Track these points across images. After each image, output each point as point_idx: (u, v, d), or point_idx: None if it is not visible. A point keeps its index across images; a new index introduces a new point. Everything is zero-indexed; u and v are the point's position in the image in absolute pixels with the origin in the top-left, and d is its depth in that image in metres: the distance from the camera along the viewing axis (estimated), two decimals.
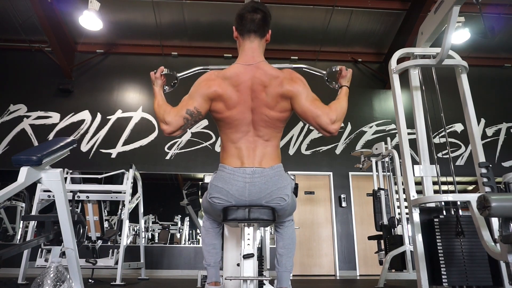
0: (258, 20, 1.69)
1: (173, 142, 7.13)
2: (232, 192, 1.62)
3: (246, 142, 1.66)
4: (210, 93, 1.62)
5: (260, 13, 1.69)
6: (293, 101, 1.62)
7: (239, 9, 1.73)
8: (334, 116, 1.61)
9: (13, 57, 7.52)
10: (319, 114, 1.60)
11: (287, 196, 1.66)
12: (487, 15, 6.71)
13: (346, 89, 1.78)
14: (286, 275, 1.76)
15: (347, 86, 1.80)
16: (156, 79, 1.81)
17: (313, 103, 1.61)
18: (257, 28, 1.70)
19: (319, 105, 1.62)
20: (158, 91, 1.78)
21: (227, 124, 1.66)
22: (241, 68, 1.66)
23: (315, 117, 1.60)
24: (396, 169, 4.47)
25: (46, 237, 2.23)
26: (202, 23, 7.19)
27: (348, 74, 1.81)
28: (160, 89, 1.80)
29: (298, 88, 1.61)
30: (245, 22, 1.69)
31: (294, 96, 1.61)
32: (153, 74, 1.82)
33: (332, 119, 1.60)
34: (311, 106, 1.61)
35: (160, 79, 1.82)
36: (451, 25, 2.25)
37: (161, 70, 1.82)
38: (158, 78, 1.81)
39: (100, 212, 4.50)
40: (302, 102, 1.61)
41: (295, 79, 1.64)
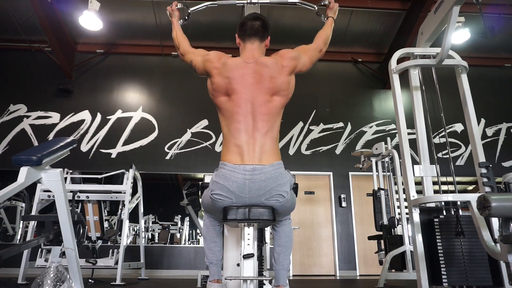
0: (258, 26, 1.87)
1: (173, 142, 7.13)
2: (233, 189, 1.65)
3: (245, 136, 1.70)
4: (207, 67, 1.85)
5: (259, 20, 1.89)
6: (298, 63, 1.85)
7: (242, 19, 1.95)
8: (322, 45, 1.98)
9: (13, 57, 7.52)
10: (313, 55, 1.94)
11: (286, 193, 1.68)
12: (487, 15, 6.71)
13: (331, 20, 2.10)
14: (283, 273, 1.78)
15: (333, 17, 2.11)
16: (173, 11, 2.16)
17: (307, 54, 1.91)
18: (257, 32, 1.87)
19: (309, 47, 1.95)
20: (176, 22, 2.16)
21: (226, 111, 1.75)
22: (242, 62, 1.82)
23: (312, 56, 1.93)
24: (396, 169, 4.47)
25: (46, 237, 2.23)
26: (202, 23, 7.19)
27: (335, 6, 2.13)
28: (177, 21, 2.16)
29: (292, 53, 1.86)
30: (246, 28, 1.88)
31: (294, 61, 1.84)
32: (169, 8, 2.17)
33: (321, 49, 1.98)
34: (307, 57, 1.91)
35: (177, 11, 2.16)
36: (451, 25, 2.25)
37: (175, 4, 2.16)
38: (174, 10, 2.16)
39: (100, 212, 4.49)
40: (302, 61, 1.88)
41: (284, 53, 1.86)
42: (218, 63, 1.81)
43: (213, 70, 1.80)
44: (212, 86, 1.81)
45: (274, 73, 1.76)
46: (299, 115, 7.43)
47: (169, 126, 7.24)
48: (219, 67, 1.79)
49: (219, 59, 1.82)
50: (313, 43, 1.98)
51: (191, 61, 1.93)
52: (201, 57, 1.89)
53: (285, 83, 1.78)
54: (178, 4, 2.12)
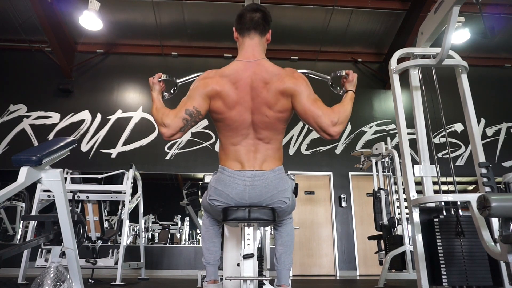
0: (258, 18, 1.67)
1: (173, 142, 7.12)
2: (232, 196, 1.62)
3: (246, 145, 1.63)
4: (208, 91, 1.58)
5: (260, 12, 1.69)
6: (294, 99, 1.57)
7: (240, 10, 1.73)
8: (336, 118, 1.55)
9: (13, 57, 7.52)
10: (319, 115, 1.54)
11: (287, 199, 1.66)
12: (487, 15, 6.71)
13: (351, 94, 1.73)
14: (285, 272, 1.76)
15: (353, 91, 1.74)
16: (154, 85, 1.77)
17: (314, 103, 1.56)
18: (257, 26, 1.68)
19: (321, 106, 1.57)
20: (156, 96, 1.74)
21: (226, 126, 1.63)
22: (241, 65, 1.63)
23: (315, 117, 1.54)
24: (396, 169, 4.47)
25: (46, 237, 2.23)
26: (202, 23, 7.19)
27: (354, 78, 1.77)
28: (158, 95, 1.75)
29: (300, 86, 1.57)
30: (245, 21, 1.68)
31: (295, 93, 1.56)
32: (151, 79, 1.78)
33: (333, 121, 1.54)
34: (312, 106, 1.55)
35: (158, 85, 1.78)
36: (451, 25, 2.25)
37: (158, 76, 1.79)
38: (156, 83, 1.77)
39: (100, 212, 4.49)
40: (303, 101, 1.56)
41: (297, 77, 1.60)
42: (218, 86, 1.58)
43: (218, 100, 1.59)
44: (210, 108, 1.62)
45: (269, 86, 1.57)
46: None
47: None
48: (220, 90, 1.58)
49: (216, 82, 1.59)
50: (330, 109, 1.58)
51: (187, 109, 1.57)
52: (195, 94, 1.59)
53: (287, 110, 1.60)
54: (162, 75, 1.80)
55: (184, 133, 1.63)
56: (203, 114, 1.61)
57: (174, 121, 1.57)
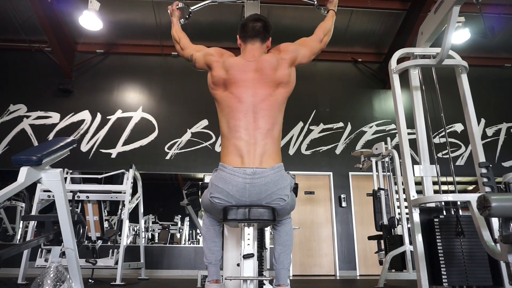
0: (259, 27, 1.88)
1: (173, 142, 7.13)
2: (232, 193, 1.64)
3: (246, 135, 1.68)
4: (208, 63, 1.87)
5: (261, 22, 1.90)
6: (298, 58, 1.88)
7: (243, 20, 1.97)
8: (322, 35, 1.99)
9: (13, 57, 7.52)
10: (314, 46, 1.96)
11: (286, 196, 1.68)
12: (487, 15, 6.71)
13: (332, 12, 2.12)
14: (284, 272, 1.78)
15: (334, 10, 2.13)
16: (173, 11, 2.18)
17: (306, 46, 1.93)
18: (258, 33, 1.88)
19: (310, 42, 1.96)
20: (176, 21, 2.17)
21: (226, 107, 1.75)
22: (243, 60, 1.83)
23: (314, 52, 1.96)
24: (396, 169, 4.47)
25: (46, 237, 2.23)
26: (202, 23, 7.19)
27: None
28: (177, 20, 2.18)
29: (292, 48, 1.88)
30: (247, 30, 1.88)
31: (293, 57, 1.86)
32: (170, 7, 2.19)
33: (321, 39, 1.98)
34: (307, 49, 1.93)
35: (177, 11, 2.18)
36: (451, 25, 2.25)
37: (176, 4, 2.18)
38: (175, 10, 2.18)
39: (100, 212, 4.49)
40: (302, 52, 1.90)
41: (283, 46, 1.89)
42: (219, 58, 1.84)
43: (214, 63, 1.83)
44: (212, 79, 1.83)
45: (274, 66, 1.78)
46: (299, 115, 7.43)
47: (169, 126, 7.24)
48: (221, 61, 1.83)
49: (221, 55, 1.87)
50: (313, 35, 2.00)
51: (191, 55, 1.96)
52: (202, 51, 1.93)
53: (286, 75, 1.80)
54: (179, 3, 2.17)
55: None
56: (196, 67, 1.96)
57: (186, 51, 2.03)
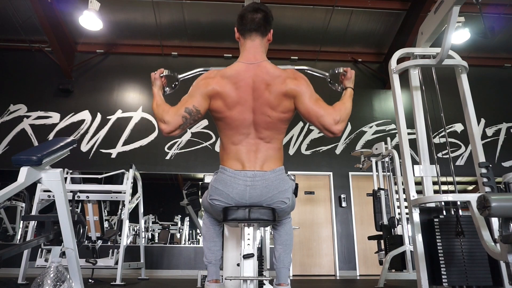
0: (259, 19, 1.68)
1: (173, 142, 7.13)
2: (233, 195, 1.63)
3: (247, 145, 1.64)
4: (209, 91, 1.60)
5: (261, 12, 1.69)
6: (297, 101, 1.61)
7: (241, 10, 1.74)
8: (338, 116, 1.60)
9: (13, 57, 7.52)
10: (322, 114, 1.59)
11: (287, 199, 1.67)
12: (487, 15, 6.71)
13: (350, 91, 1.77)
14: (285, 271, 1.77)
15: (351, 87, 1.79)
16: (155, 80, 1.79)
17: (316, 103, 1.60)
18: (258, 27, 1.69)
19: (323, 105, 1.61)
20: (157, 92, 1.76)
21: (227, 125, 1.64)
22: (243, 66, 1.64)
23: (318, 117, 1.59)
24: (396, 169, 4.47)
25: (46, 237, 2.23)
26: (202, 23, 7.19)
27: (352, 75, 1.81)
28: (159, 90, 1.77)
29: (302, 87, 1.60)
30: (246, 22, 1.69)
31: (297, 95, 1.60)
32: (153, 74, 1.79)
33: (335, 119, 1.59)
34: (315, 106, 1.60)
35: (160, 80, 1.80)
36: (451, 25, 2.25)
37: (160, 72, 1.80)
38: (157, 79, 1.79)
39: (100, 212, 4.49)
40: (306, 101, 1.60)
41: (298, 78, 1.63)
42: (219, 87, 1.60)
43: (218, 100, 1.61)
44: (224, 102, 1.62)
45: (272, 88, 1.59)
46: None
47: None
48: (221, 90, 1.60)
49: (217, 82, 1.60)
50: (332, 108, 1.63)
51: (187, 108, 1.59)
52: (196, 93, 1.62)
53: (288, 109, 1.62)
54: (163, 71, 1.82)
55: (183, 130, 1.66)
56: (202, 113, 1.63)
57: (173, 119, 1.59)
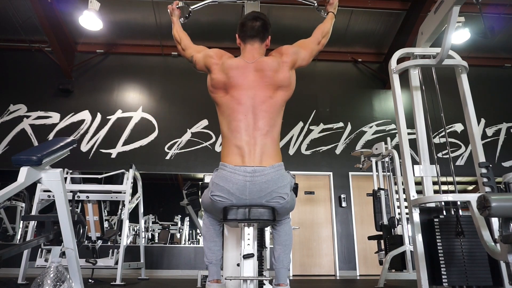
0: (258, 27, 1.87)
1: (173, 142, 7.13)
2: (233, 191, 1.65)
3: (246, 136, 1.69)
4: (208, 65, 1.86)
5: (260, 20, 1.88)
6: (298, 62, 1.88)
7: (242, 18, 1.93)
8: (320, 37, 2.00)
9: (13, 57, 7.52)
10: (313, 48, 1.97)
11: (286, 195, 1.69)
12: (487, 15, 6.71)
13: (331, 15, 2.12)
14: (284, 271, 1.78)
15: (333, 12, 2.12)
16: (173, 11, 2.16)
17: (307, 48, 1.94)
18: (257, 33, 1.87)
19: (309, 44, 1.97)
20: (176, 20, 2.15)
21: (226, 109, 1.76)
22: (243, 62, 1.82)
23: (314, 54, 1.97)
24: (396, 169, 4.47)
25: (46, 237, 2.23)
26: (202, 23, 7.19)
27: (335, 1, 2.14)
28: (177, 19, 2.16)
29: (292, 50, 1.88)
30: (246, 29, 1.87)
31: (296, 58, 1.87)
32: (170, 6, 2.16)
33: (319, 41, 2.00)
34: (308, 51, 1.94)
35: (177, 10, 2.16)
36: (451, 25, 2.25)
37: (176, 3, 2.16)
38: (175, 9, 2.16)
39: (100, 212, 4.49)
40: (302, 56, 1.91)
41: (284, 49, 1.88)
42: (219, 60, 1.83)
43: (214, 66, 1.83)
44: (212, 82, 1.82)
45: (274, 69, 1.78)
46: (299, 115, 7.43)
47: (169, 126, 7.25)
48: (220, 63, 1.82)
49: (220, 57, 1.85)
50: (311, 37, 2.01)
51: (192, 56, 1.95)
52: (202, 53, 1.92)
53: (286, 78, 1.80)
54: (179, 3, 2.15)
55: None
56: (197, 69, 1.96)
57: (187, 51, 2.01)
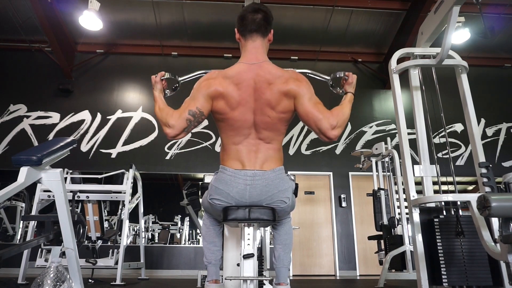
0: (259, 20, 1.68)
1: (173, 142, 7.13)
2: (233, 195, 1.63)
3: (247, 145, 1.65)
4: (211, 92, 1.59)
5: (261, 13, 1.69)
6: (297, 101, 1.60)
7: (241, 11, 1.73)
8: (335, 121, 1.60)
9: (13, 57, 7.52)
10: (320, 118, 1.59)
11: (287, 199, 1.67)
12: (487, 15, 6.71)
13: (350, 96, 1.76)
14: (284, 270, 1.77)
15: (352, 92, 1.78)
16: (156, 83, 1.78)
17: (315, 106, 1.60)
18: (258, 28, 1.68)
19: (321, 109, 1.61)
20: (158, 95, 1.75)
21: (228, 126, 1.64)
22: (244, 67, 1.64)
23: (316, 120, 1.59)
24: (396, 169, 4.47)
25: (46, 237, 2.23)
26: (202, 23, 7.19)
27: (353, 80, 1.80)
28: (160, 93, 1.76)
29: (303, 88, 1.60)
30: (246, 23, 1.68)
31: (298, 95, 1.59)
32: (154, 78, 1.78)
33: (332, 124, 1.59)
34: (314, 108, 1.60)
35: (160, 83, 1.78)
36: (451, 25, 2.25)
37: (161, 75, 1.79)
38: (158, 82, 1.78)
39: (100, 212, 4.49)
40: (305, 103, 1.59)
41: (300, 79, 1.63)
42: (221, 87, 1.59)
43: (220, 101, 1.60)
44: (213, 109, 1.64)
45: (273, 88, 1.59)
46: None
47: None
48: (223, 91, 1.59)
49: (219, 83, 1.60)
50: (330, 112, 1.63)
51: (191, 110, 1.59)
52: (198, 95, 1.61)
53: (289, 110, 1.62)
54: (165, 74, 1.81)
55: (188, 133, 1.65)
56: (205, 115, 1.63)
57: (178, 122, 1.59)
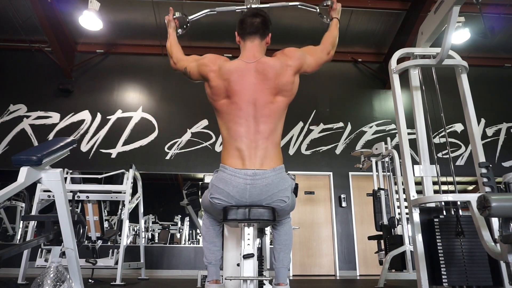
0: (258, 23, 1.80)
1: (173, 142, 7.13)
2: (233, 194, 1.64)
3: (247, 140, 1.67)
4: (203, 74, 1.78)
5: (259, 17, 1.81)
6: (303, 67, 1.80)
7: (241, 16, 1.86)
8: (330, 47, 1.92)
9: (13, 57, 7.52)
10: (321, 57, 1.89)
11: (287, 198, 1.68)
12: (487, 15, 6.71)
13: (336, 21, 2.03)
14: (284, 271, 1.78)
15: (337, 18, 2.04)
16: (169, 21, 2.07)
17: (314, 55, 1.85)
18: (257, 30, 1.80)
19: (317, 52, 1.88)
20: (172, 32, 2.06)
21: (227, 114, 1.71)
22: (242, 64, 1.74)
23: (320, 63, 1.89)
24: (396, 169, 4.47)
25: (46, 237, 2.23)
26: (202, 23, 7.18)
27: (338, 6, 2.05)
28: (173, 31, 2.07)
29: (298, 55, 1.79)
30: (246, 26, 1.81)
31: (301, 63, 1.79)
32: (167, 17, 2.06)
33: (329, 52, 1.91)
34: (315, 58, 1.85)
35: (173, 21, 2.07)
36: (451, 25, 2.25)
37: (172, 13, 2.06)
38: (171, 20, 2.07)
39: (100, 212, 4.49)
40: (308, 61, 1.82)
41: (289, 52, 1.80)
42: (214, 66, 1.74)
43: (210, 74, 1.74)
44: (211, 90, 1.75)
45: (277, 72, 1.70)
46: (299, 115, 7.43)
47: (169, 126, 7.25)
48: (216, 69, 1.73)
49: (215, 62, 1.76)
50: (320, 45, 1.91)
51: (185, 67, 1.87)
52: (195, 62, 1.83)
53: (289, 83, 1.73)
54: (176, 13, 2.03)
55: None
56: (193, 79, 1.88)
57: (179, 64, 1.93)
